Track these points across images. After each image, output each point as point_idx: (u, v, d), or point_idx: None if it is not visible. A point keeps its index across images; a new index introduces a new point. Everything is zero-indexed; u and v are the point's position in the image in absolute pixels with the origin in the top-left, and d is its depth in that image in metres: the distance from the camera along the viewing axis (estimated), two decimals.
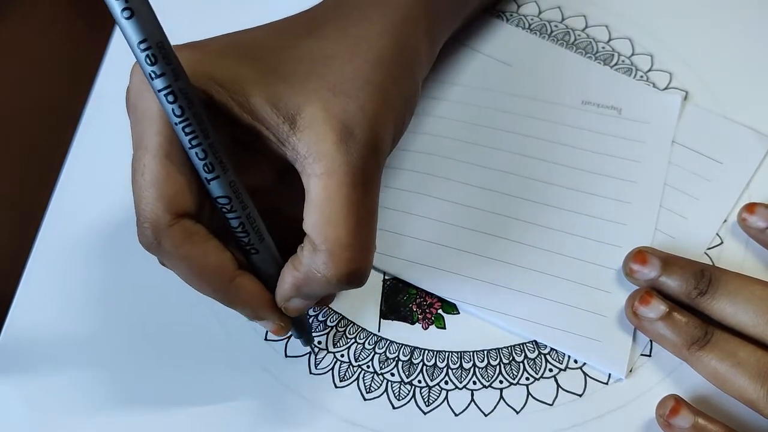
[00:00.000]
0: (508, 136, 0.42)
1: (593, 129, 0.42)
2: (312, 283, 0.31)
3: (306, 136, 0.30)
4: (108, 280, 0.39)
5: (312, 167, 0.30)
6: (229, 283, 0.31)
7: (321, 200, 0.30)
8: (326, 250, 0.30)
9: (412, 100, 0.35)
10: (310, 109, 0.30)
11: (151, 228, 0.30)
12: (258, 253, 0.32)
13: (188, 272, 0.31)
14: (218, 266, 0.31)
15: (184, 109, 0.28)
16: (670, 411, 0.33)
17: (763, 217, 0.38)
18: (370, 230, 0.31)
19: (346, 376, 0.36)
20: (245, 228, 0.31)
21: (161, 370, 0.37)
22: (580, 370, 0.36)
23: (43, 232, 0.41)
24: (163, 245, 0.30)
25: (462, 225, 0.39)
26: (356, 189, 0.30)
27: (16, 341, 0.38)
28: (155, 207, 0.30)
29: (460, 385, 0.36)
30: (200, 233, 0.31)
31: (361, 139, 0.30)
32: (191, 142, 0.29)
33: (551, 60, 0.45)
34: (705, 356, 0.34)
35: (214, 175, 0.29)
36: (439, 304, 0.38)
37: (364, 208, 0.30)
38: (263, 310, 0.32)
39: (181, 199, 0.30)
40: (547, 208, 0.40)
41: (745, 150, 0.41)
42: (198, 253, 0.31)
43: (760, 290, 0.34)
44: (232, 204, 0.30)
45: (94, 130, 0.44)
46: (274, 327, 0.33)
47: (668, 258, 0.36)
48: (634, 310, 0.36)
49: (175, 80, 0.27)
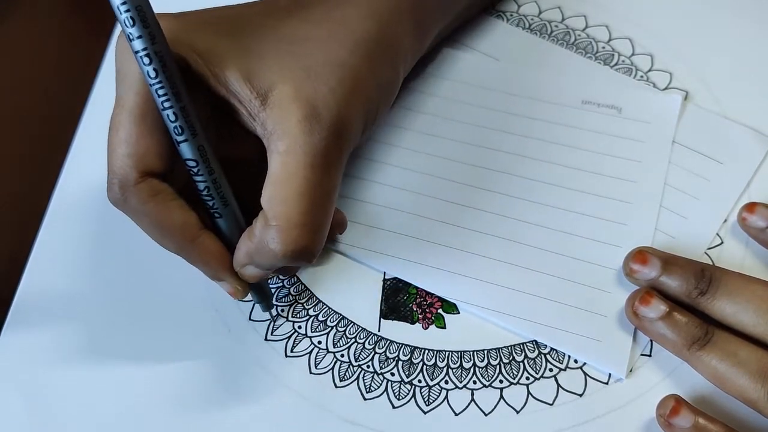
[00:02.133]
0: (508, 136, 0.42)
1: (593, 129, 0.42)
2: (262, 255, 0.32)
3: (274, 113, 0.31)
4: (108, 280, 0.39)
5: (275, 144, 0.31)
6: (192, 241, 0.33)
7: (278, 177, 0.31)
8: (276, 226, 0.31)
9: (390, 89, 0.36)
10: (282, 87, 0.31)
11: (119, 184, 0.32)
12: (221, 218, 0.33)
13: (152, 228, 0.33)
14: (181, 224, 0.32)
15: (158, 71, 0.30)
16: (670, 411, 0.33)
17: (763, 217, 0.38)
18: (324, 212, 0.32)
19: (346, 375, 0.36)
20: (210, 192, 0.32)
21: (161, 370, 0.37)
22: (580, 370, 0.36)
23: (43, 232, 0.41)
24: (129, 201, 0.32)
25: (462, 225, 0.39)
26: (314, 170, 0.31)
27: (16, 341, 0.38)
28: (124, 164, 0.31)
29: (461, 384, 0.36)
30: (166, 192, 0.32)
31: (326, 122, 0.31)
32: (163, 104, 0.30)
33: (551, 60, 0.45)
34: (705, 356, 0.34)
35: (184, 138, 0.31)
36: (440, 304, 0.38)
37: (320, 190, 0.31)
38: (222, 272, 0.34)
39: (150, 158, 0.31)
40: (548, 208, 0.40)
41: (746, 150, 0.41)
42: (162, 210, 0.32)
43: (760, 290, 0.34)
44: (199, 167, 0.32)
45: (94, 130, 0.44)
46: (231, 289, 0.35)
47: (668, 258, 0.36)
48: (635, 310, 0.35)
49: (152, 43, 0.29)
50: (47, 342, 0.38)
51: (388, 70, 0.35)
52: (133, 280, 0.39)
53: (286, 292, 0.39)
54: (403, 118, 0.43)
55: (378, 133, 0.42)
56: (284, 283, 0.39)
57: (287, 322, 0.38)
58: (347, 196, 0.40)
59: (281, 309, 0.38)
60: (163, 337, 0.37)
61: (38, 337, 0.38)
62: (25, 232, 0.42)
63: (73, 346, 0.37)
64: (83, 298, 0.39)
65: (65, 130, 0.44)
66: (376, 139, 0.42)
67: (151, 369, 0.37)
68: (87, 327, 0.38)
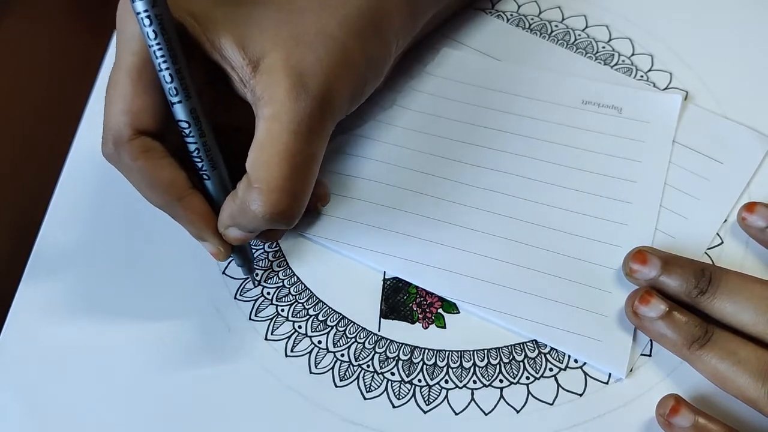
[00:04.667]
0: (509, 136, 0.42)
1: (594, 129, 0.42)
2: (244, 216, 0.33)
3: (263, 79, 0.32)
4: (108, 280, 0.39)
5: (262, 110, 0.32)
6: (179, 200, 0.34)
7: (263, 142, 0.32)
8: (257, 189, 0.32)
9: (379, 63, 0.37)
10: (273, 55, 0.32)
11: (113, 139, 0.33)
12: (209, 180, 0.35)
13: (142, 184, 0.34)
14: (170, 182, 0.34)
15: (157, 33, 0.31)
16: (670, 410, 0.33)
17: (763, 216, 0.38)
18: (304, 179, 0.33)
19: (347, 375, 0.36)
20: (200, 154, 0.34)
21: (161, 370, 0.37)
22: (580, 370, 0.36)
23: (43, 233, 0.41)
24: (121, 156, 0.33)
25: (462, 224, 0.39)
26: (297, 137, 0.32)
27: (16, 341, 0.38)
28: (119, 120, 0.33)
29: (461, 384, 0.36)
30: (157, 150, 0.33)
31: (313, 91, 0.32)
32: (160, 66, 0.32)
33: (551, 60, 0.45)
34: (705, 355, 0.34)
35: (178, 99, 0.32)
36: (440, 304, 0.38)
37: (301, 157, 0.32)
38: (205, 232, 0.35)
39: (144, 116, 0.33)
40: (548, 208, 0.40)
41: (746, 150, 0.41)
42: (152, 167, 0.33)
43: (760, 289, 0.34)
44: (191, 129, 0.33)
45: (94, 130, 0.44)
46: (213, 249, 0.36)
47: (668, 257, 0.36)
48: (635, 310, 0.35)
49: (152, 6, 0.30)
50: (47, 342, 0.38)
51: (378, 46, 0.36)
52: (132, 281, 0.39)
53: (287, 292, 0.39)
54: (404, 118, 0.43)
55: (379, 133, 0.42)
56: (284, 282, 0.39)
57: (287, 321, 0.38)
58: (348, 195, 0.40)
59: (281, 309, 0.38)
60: (163, 336, 0.37)
61: (38, 337, 0.38)
62: (25, 233, 0.42)
63: (72, 347, 0.37)
64: (83, 298, 0.39)
65: (65, 130, 0.44)
66: (377, 138, 0.42)
67: (151, 369, 0.37)
68: (87, 328, 0.38)
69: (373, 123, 0.43)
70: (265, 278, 0.39)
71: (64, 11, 0.57)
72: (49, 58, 0.53)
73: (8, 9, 0.54)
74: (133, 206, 0.41)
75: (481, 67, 0.45)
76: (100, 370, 0.37)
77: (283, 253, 0.40)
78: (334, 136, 0.42)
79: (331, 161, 0.41)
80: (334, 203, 0.40)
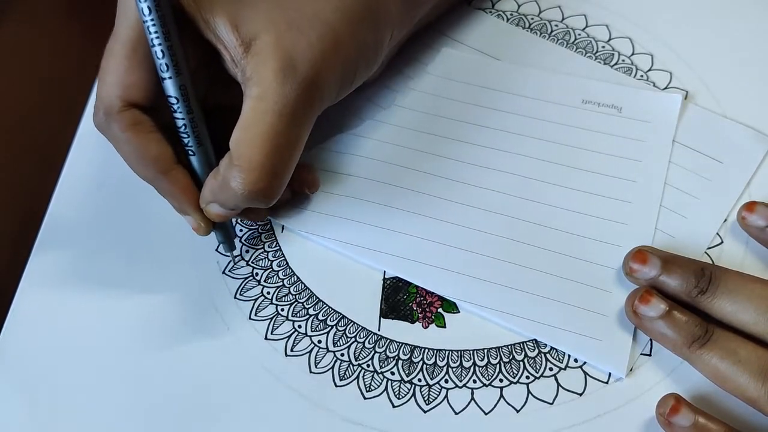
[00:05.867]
0: (509, 135, 0.42)
1: (594, 128, 0.42)
2: (224, 192, 0.34)
3: (254, 60, 0.33)
4: (109, 280, 0.39)
5: (250, 89, 0.33)
6: (164, 173, 0.35)
7: (247, 120, 0.33)
8: (238, 166, 0.33)
9: (370, 52, 0.37)
10: (265, 37, 0.33)
11: (104, 110, 0.34)
12: (194, 156, 0.35)
13: (129, 156, 0.35)
14: (156, 155, 0.35)
15: (151, 9, 0.32)
16: (670, 410, 0.33)
17: (763, 216, 0.38)
18: (285, 160, 0.34)
19: (346, 374, 0.36)
20: (186, 130, 0.35)
21: (162, 369, 0.37)
22: (580, 369, 0.36)
23: (43, 232, 0.41)
24: (111, 127, 0.34)
25: (462, 224, 0.39)
26: (281, 119, 0.33)
27: (16, 341, 0.38)
28: (111, 92, 0.34)
29: (460, 383, 0.36)
30: (146, 123, 0.35)
31: (301, 74, 0.33)
32: (153, 41, 0.33)
33: (551, 59, 0.45)
34: (705, 355, 0.34)
35: (168, 75, 0.33)
36: (440, 303, 0.38)
37: (284, 138, 0.33)
38: (187, 206, 0.36)
39: (135, 90, 0.34)
40: (548, 208, 0.40)
41: (746, 149, 0.41)
42: (140, 139, 0.34)
43: (760, 289, 0.34)
44: (179, 105, 0.34)
45: (94, 131, 0.44)
46: (194, 224, 0.37)
47: (668, 257, 0.36)
48: (635, 309, 0.35)
49: None
50: (47, 342, 0.38)
51: (371, 34, 0.36)
52: (134, 279, 0.39)
53: (287, 291, 0.39)
54: (404, 117, 0.43)
55: (379, 133, 0.42)
56: (284, 282, 0.39)
57: (287, 321, 0.38)
58: (349, 195, 0.40)
59: (281, 308, 0.38)
60: (163, 336, 0.37)
61: (38, 337, 0.38)
62: (25, 232, 0.42)
63: (73, 347, 0.37)
64: (83, 298, 0.39)
65: (65, 130, 0.44)
66: (377, 138, 0.42)
67: (151, 368, 0.37)
68: (87, 328, 0.38)
69: (372, 123, 0.43)
70: (265, 278, 0.39)
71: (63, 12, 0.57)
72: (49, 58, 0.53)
73: (8, 9, 0.54)
74: (133, 207, 0.41)
75: (481, 66, 0.45)
76: (99, 369, 0.37)
77: (283, 253, 0.40)
78: (332, 135, 0.42)
79: (332, 161, 0.41)
80: (334, 202, 0.40)
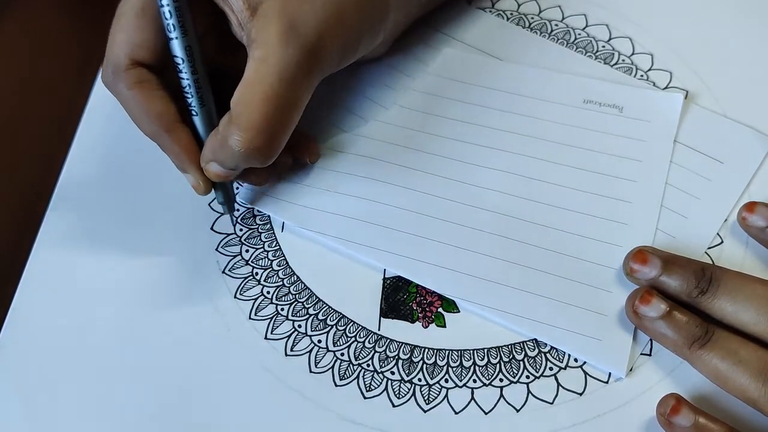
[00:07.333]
0: (509, 135, 0.42)
1: (594, 128, 0.42)
2: (223, 151, 0.35)
3: (259, 23, 0.34)
4: (109, 281, 0.39)
5: (254, 51, 0.34)
6: (167, 131, 0.36)
7: (249, 81, 0.34)
8: (236, 125, 0.34)
9: (374, 21, 0.38)
10: (271, 1, 0.34)
11: (112, 67, 0.36)
12: (197, 116, 0.37)
13: (134, 112, 0.36)
14: (159, 113, 0.36)
15: None
16: (670, 410, 0.33)
17: (763, 216, 0.37)
18: (283, 122, 0.35)
19: (346, 374, 0.36)
20: (190, 90, 0.36)
21: (161, 369, 0.37)
22: (580, 369, 0.36)
23: (43, 232, 0.41)
24: (117, 84, 0.36)
25: (462, 223, 0.39)
26: (281, 81, 0.34)
27: (16, 341, 0.38)
28: (120, 49, 0.35)
29: (460, 383, 0.36)
30: (151, 81, 0.36)
31: (303, 38, 0.34)
32: (161, 2, 0.34)
33: (552, 59, 0.45)
34: (706, 355, 0.34)
35: (174, 35, 0.35)
36: (440, 303, 0.38)
37: (283, 100, 0.34)
38: (188, 164, 0.37)
39: (143, 49, 0.35)
40: (548, 207, 0.40)
41: (746, 149, 0.41)
42: (145, 97, 0.36)
43: (760, 289, 0.34)
44: (184, 65, 0.35)
45: (94, 130, 0.44)
46: (194, 182, 0.38)
47: (669, 257, 0.36)
48: (635, 309, 0.35)
49: None
50: (47, 342, 0.38)
51: (378, 4, 0.37)
52: (134, 279, 0.39)
53: (286, 291, 0.39)
54: (405, 117, 0.43)
55: (379, 132, 0.42)
56: (284, 282, 0.39)
57: (287, 320, 0.38)
58: (350, 193, 0.40)
59: (281, 308, 0.38)
60: (163, 336, 0.37)
61: (38, 337, 0.38)
62: (25, 232, 0.42)
63: (73, 347, 0.37)
64: (83, 298, 0.39)
65: (65, 130, 0.44)
66: (377, 137, 0.42)
67: (150, 368, 0.37)
68: (87, 328, 0.38)
69: (373, 123, 0.43)
70: (265, 277, 0.39)
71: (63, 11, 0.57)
72: (48, 57, 0.53)
73: (8, 9, 0.54)
74: (132, 208, 0.41)
75: (481, 65, 0.44)
76: (99, 369, 0.37)
77: (283, 252, 0.40)
78: (334, 134, 0.42)
79: (331, 160, 0.41)
80: (334, 202, 0.40)
